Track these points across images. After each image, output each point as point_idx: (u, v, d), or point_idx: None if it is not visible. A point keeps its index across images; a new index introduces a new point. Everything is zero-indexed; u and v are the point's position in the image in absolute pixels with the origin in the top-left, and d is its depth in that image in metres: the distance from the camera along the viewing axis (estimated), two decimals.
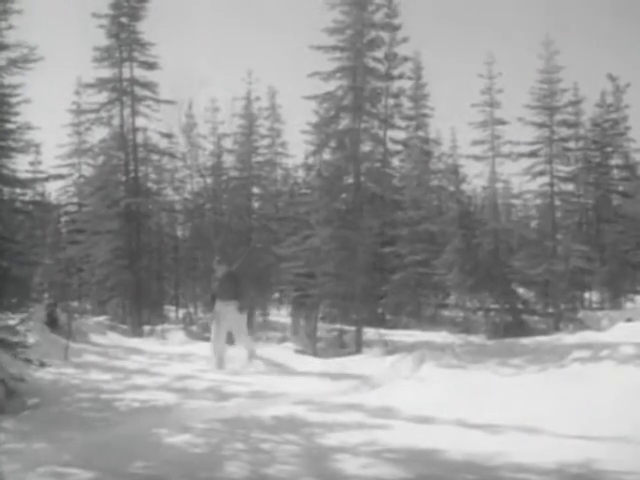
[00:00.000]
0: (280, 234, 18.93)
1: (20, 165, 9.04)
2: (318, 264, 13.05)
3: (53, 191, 27.68)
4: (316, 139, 14.15)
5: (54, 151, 26.54)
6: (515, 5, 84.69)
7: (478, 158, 18.61)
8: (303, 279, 13.93)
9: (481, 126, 18.33)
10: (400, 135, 16.28)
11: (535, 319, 17.88)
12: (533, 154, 19.21)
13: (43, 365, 7.96)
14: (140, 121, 18.92)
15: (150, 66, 18.65)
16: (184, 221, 23.55)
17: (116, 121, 18.82)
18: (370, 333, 13.43)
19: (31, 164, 23.31)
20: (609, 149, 25.30)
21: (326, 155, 13.95)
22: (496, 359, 9.58)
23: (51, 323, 12.16)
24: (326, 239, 12.92)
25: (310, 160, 14.86)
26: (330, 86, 13.34)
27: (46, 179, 14.10)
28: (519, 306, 18.00)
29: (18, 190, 9.14)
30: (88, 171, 24.84)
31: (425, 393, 7.60)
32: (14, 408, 6.81)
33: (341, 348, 12.46)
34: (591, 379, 7.50)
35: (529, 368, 8.88)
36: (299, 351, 12.10)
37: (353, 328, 12.93)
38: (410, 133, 21.42)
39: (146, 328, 15.98)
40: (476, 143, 18.51)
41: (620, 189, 25.88)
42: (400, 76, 14.11)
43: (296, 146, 25.97)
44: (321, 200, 13.38)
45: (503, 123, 18.31)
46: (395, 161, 17.35)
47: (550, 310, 18.75)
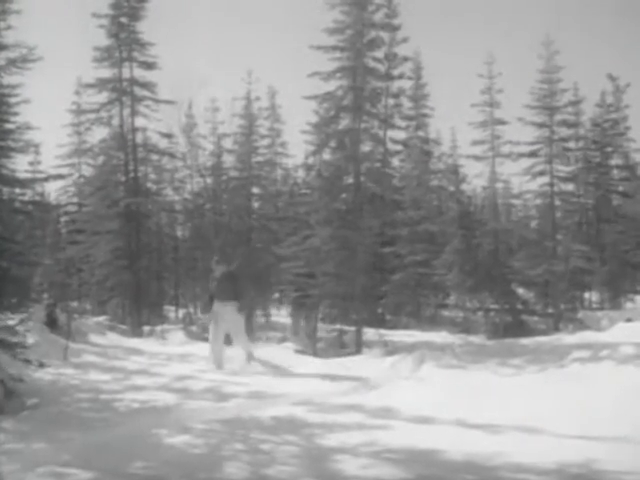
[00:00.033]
0: (280, 234, 18.92)
1: (20, 165, 9.08)
2: (318, 264, 13.05)
3: (53, 191, 27.71)
4: (316, 139, 14.15)
5: (54, 151, 26.48)
6: (515, 5, 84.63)
7: (478, 158, 18.64)
8: (303, 279, 13.92)
9: (481, 126, 18.35)
10: (400, 135, 16.30)
11: (535, 319, 17.89)
12: (533, 154, 19.22)
13: (42, 365, 7.95)
14: (140, 121, 18.99)
15: (150, 66, 18.67)
16: (184, 221, 23.55)
17: (116, 121, 18.86)
18: (370, 333, 13.43)
19: (31, 164, 23.33)
20: (609, 149, 25.31)
21: (326, 155, 13.96)
22: (496, 359, 9.56)
23: (51, 323, 12.16)
24: (326, 239, 12.91)
25: (310, 160, 14.85)
26: (330, 86, 13.36)
27: (46, 179, 14.04)
28: (519, 306, 18.00)
29: (18, 190, 9.14)
30: (88, 171, 24.85)
31: (425, 393, 7.59)
32: (13, 408, 6.81)
33: (341, 348, 12.45)
34: (591, 379, 7.50)
35: (529, 368, 8.86)
36: (299, 351, 12.10)
37: (353, 328, 12.92)
38: (410, 133, 21.41)
39: (146, 328, 15.98)
40: (476, 143, 18.55)
41: (620, 189, 25.89)
42: (400, 76, 14.12)
43: (296, 146, 25.90)
44: (321, 200, 13.37)
45: (503, 123, 18.34)
46: (395, 161, 17.37)
47: (550, 310, 18.75)
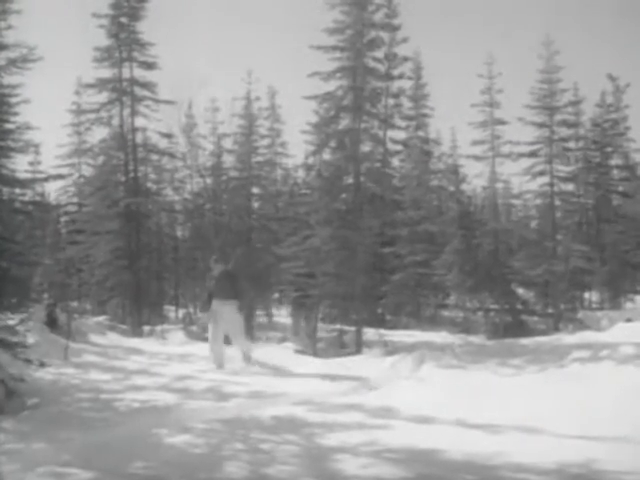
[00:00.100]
0: (280, 234, 18.92)
1: (19, 165, 9.07)
2: (318, 264, 13.05)
3: (53, 191, 27.75)
4: (316, 139, 14.14)
5: (54, 151, 26.52)
6: (515, 5, 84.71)
7: (478, 158, 18.64)
8: (303, 279, 13.92)
9: (481, 126, 18.35)
10: (400, 135, 16.30)
11: (535, 319, 17.88)
12: (533, 154, 19.23)
13: (43, 365, 7.96)
14: (140, 121, 19.02)
15: (150, 66, 18.69)
16: (184, 221, 23.53)
17: (116, 121, 18.89)
18: (370, 333, 13.42)
19: (30, 164, 23.40)
20: (609, 149, 25.33)
21: (326, 155, 13.95)
22: (496, 359, 9.55)
23: (51, 323, 12.17)
24: (326, 239, 12.91)
25: (310, 160, 14.84)
26: (330, 86, 13.36)
27: (46, 179, 14.08)
28: (519, 306, 18.01)
29: (18, 190, 9.15)
30: (88, 171, 24.89)
31: (425, 393, 7.59)
32: (14, 408, 6.80)
33: (341, 348, 12.45)
34: (591, 379, 7.49)
35: (529, 368, 8.85)
36: (299, 351, 12.10)
37: (353, 328, 12.92)
38: (410, 133, 21.43)
39: (146, 328, 15.98)
40: (476, 143, 18.55)
41: (620, 189, 25.91)
42: (400, 76, 14.11)
43: (296, 146, 25.98)
44: (321, 200, 13.36)
45: (503, 123, 18.35)
46: (395, 161, 17.37)
47: (550, 310, 18.75)
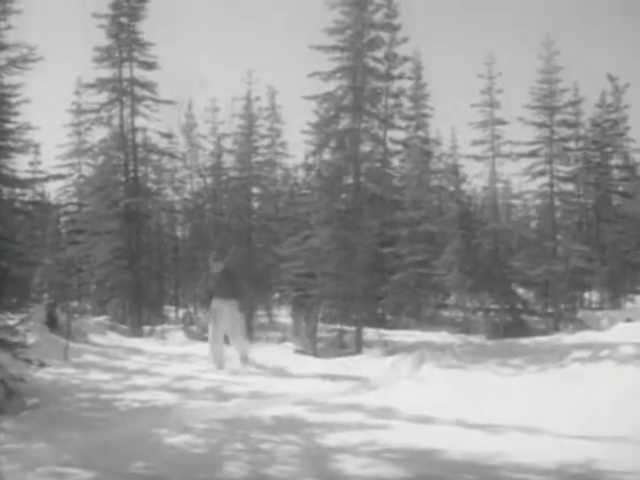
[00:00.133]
0: (280, 234, 18.92)
1: (20, 165, 9.06)
2: (318, 264, 13.05)
3: (53, 191, 27.74)
4: (316, 139, 14.15)
5: (54, 151, 26.54)
6: (515, 5, 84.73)
7: (478, 158, 18.62)
8: (303, 279, 13.92)
9: (481, 126, 18.33)
10: (400, 135, 16.35)
11: (535, 319, 17.87)
12: (533, 154, 19.22)
13: (43, 365, 7.96)
14: (140, 121, 19.02)
15: (150, 66, 18.69)
16: (184, 221, 23.51)
17: (116, 121, 18.90)
18: (370, 333, 13.42)
19: (31, 164, 23.42)
20: (609, 149, 25.30)
21: (326, 155, 13.96)
22: (496, 359, 9.56)
23: (51, 323, 12.18)
24: (326, 239, 12.91)
25: (310, 160, 14.84)
26: (330, 86, 13.37)
27: (46, 179, 14.10)
28: (519, 306, 17.99)
29: (18, 190, 9.16)
30: (88, 171, 24.87)
31: (425, 393, 7.59)
32: (14, 408, 6.81)
33: (341, 348, 12.46)
34: (591, 379, 7.49)
35: (529, 368, 8.86)
36: (299, 351, 12.11)
37: (353, 328, 12.93)
38: (410, 133, 21.42)
39: (146, 328, 15.99)
40: (476, 143, 18.53)
41: (620, 189, 25.89)
42: (400, 76, 14.14)
43: (296, 146, 25.95)
44: (321, 200, 13.37)
45: (503, 123, 18.32)
46: (395, 161, 17.41)
47: (550, 310, 18.74)
